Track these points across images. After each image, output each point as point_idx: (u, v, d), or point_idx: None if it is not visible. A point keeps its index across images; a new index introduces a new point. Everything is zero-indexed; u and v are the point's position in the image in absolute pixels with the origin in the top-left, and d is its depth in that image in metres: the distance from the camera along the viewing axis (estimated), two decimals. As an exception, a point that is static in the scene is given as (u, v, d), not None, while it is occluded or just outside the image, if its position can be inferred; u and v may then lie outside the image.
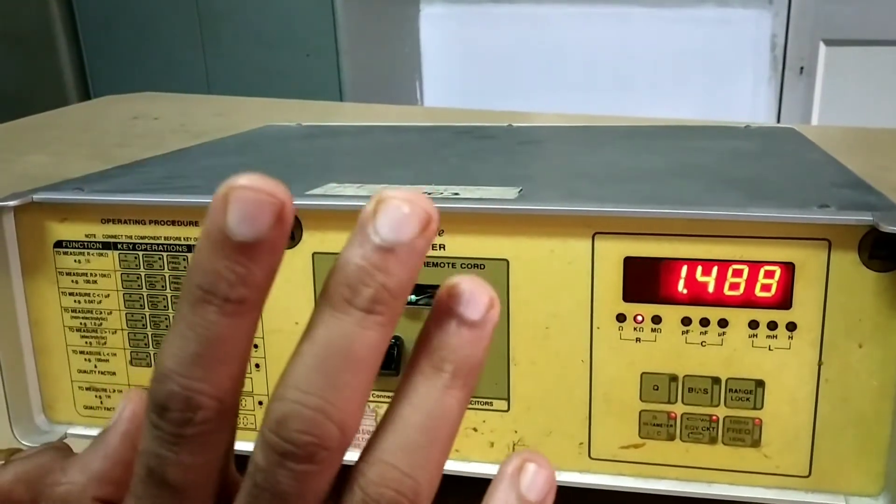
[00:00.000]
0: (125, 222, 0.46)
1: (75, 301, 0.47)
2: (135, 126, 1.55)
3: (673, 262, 0.39)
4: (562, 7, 2.86)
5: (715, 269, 0.39)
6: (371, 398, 0.45)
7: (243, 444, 0.47)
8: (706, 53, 2.73)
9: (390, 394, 0.44)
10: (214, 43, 2.80)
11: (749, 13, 2.70)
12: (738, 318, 0.39)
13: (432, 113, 2.05)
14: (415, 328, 0.43)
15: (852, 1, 2.54)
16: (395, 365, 0.43)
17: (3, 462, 0.41)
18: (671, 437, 0.41)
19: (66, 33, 3.01)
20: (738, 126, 0.71)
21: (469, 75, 3.00)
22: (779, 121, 2.69)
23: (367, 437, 0.45)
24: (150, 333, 0.47)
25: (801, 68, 2.66)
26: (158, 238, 0.45)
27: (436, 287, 0.42)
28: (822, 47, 2.63)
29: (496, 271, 0.41)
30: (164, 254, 0.45)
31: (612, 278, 0.40)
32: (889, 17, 2.51)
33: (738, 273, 0.39)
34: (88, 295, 0.47)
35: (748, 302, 0.39)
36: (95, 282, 0.47)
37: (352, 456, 0.24)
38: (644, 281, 0.40)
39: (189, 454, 0.22)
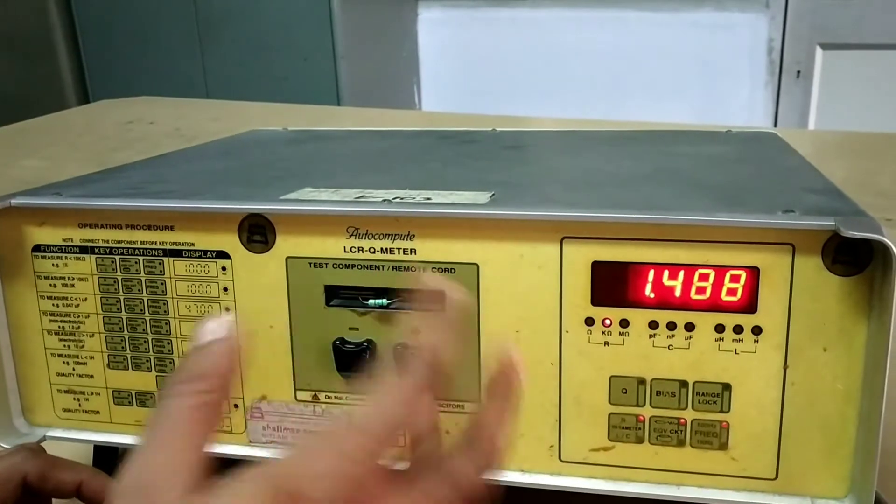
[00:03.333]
0: (102, 226, 0.46)
1: (53, 305, 0.48)
2: (130, 130, 1.56)
3: (640, 267, 0.40)
4: (559, 11, 2.87)
5: (682, 274, 0.40)
6: (344, 401, 0.45)
7: (220, 447, 0.48)
8: (703, 57, 2.73)
9: (362, 396, 0.45)
10: (212, 47, 2.81)
11: (746, 17, 2.70)
12: (705, 321, 0.40)
13: (428, 118, 2.05)
14: (387, 331, 0.43)
15: (849, 5, 2.54)
16: (368, 368, 0.43)
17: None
18: (640, 440, 0.42)
19: (65, 37, 3.02)
20: (720, 131, 0.71)
21: (467, 79, 3.00)
22: (776, 124, 2.69)
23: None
24: (126, 337, 0.47)
25: (798, 72, 2.67)
26: (135, 242, 0.46)
27: (406, 291, 0.43)
28: (819, 51, 2.63)
29: (466, 275, 0.42)
30: (141, 258, 0.46)
31: (580, 282, 0.41)
32: (885, 21, 2.51)
33: (704, 277, 0.39)
34: (66, 298, 0.47)
35: (714, 306, 0.39)
36: (73, 285, 0.47)
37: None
38: (612, 285, 0.40)
39: None
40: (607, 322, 0.41)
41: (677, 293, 0.40)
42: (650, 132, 0.73)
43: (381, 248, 0.43)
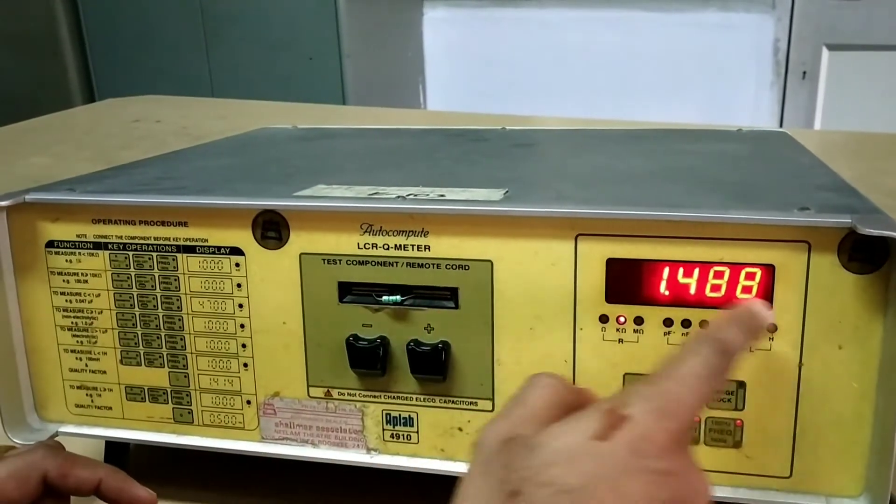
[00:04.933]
0: (116, 222, 0.46)
1: (66, 301, 0.48)
2: (137, 129, 1.56)
3: (655, 264, 0.40)
4: (565, 11, 2.87)
5: (696, 271, 0.39)
6: (357, 398, 0.45)
7: (233, 443, 0.48)
8: (709, 58, 2.73)
9: (375, 393, 0.45)
10: (218, 46, 2.81)
11: (752, 18, 2.70)
12: (720, 319, 0.40)
13: (433, 117, 2.05)
14: (400, 328, 0.43)
15: (855, 6, 2.54)
16: (381, 365, 0.43)
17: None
18: (654, 438, 0.42)
19: (71, 36, 3.02)
20: (731, 129, 0.71)
21: (472, 79, 3.00)
22: (781, 125, 2.68)
23: (354, 435, 0.45)
24: (140, 333, 0.47)
25: (804, 73, 2.66)
26: (148, 238, 0.46)
27: (421, 287, 0.43)
28: (825, 52, 2.63)
29: (480, 272, 0.42)
30: (154, 254, 0.46)
31: (594, 279, 0.41)
32: (892, 22, 2.50)
33: (719, 275, 0.39)
34: (79, 294, 0.47)
35: (729, 303, 0.39)
36: (86, 281, 0.47)
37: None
38: (626, 282, 0.40)
39: None
40: (622, 319, 0.41)
41: (692, 290, 0.40)
42: (659, 130, 0.73)
43: (395, 245, 0.43)
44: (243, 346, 0.46)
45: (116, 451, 0.52)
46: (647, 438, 0.28)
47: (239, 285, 0.45)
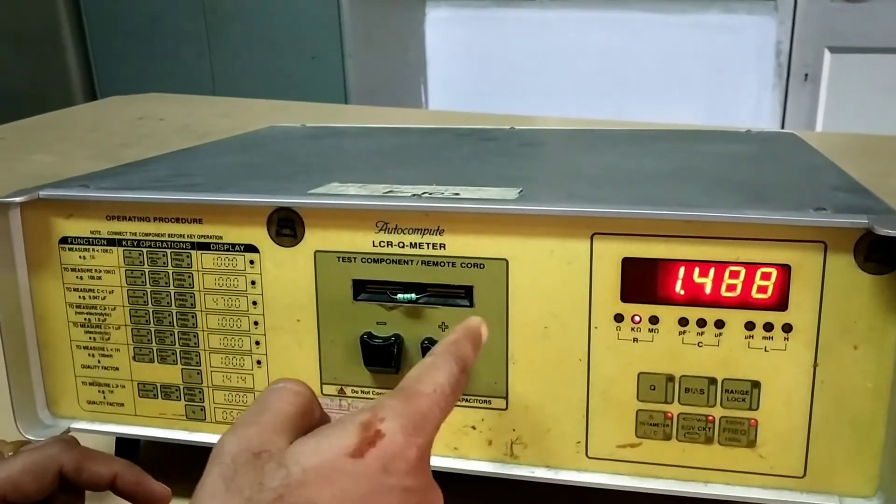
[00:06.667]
0: (130, 219, 0.46)
1: (80, 297, 0.48)
2: (140, 126, 1.56)
3: (670, 263, 0.40)
4: (567, 12, 2.87)
5: (712, 271, 0.40)
6: (371, 395, 0.45)
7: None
8: (711, 60, 2.73)
9: (388, 390, 0.45)
10: (220, 44, 2.81)
11: (754, 20, 2.70)
12: (735, 319, 0.40)
13: (436, 116, 2.05)
14: (414, 326, 0.43)
15: (857, 8, 2.54)
16: (395, 362, 0.44)
17: (12, 453, 0.42)
18: (668, 437, 0.42)
19: (73, 34, 3.02)
20: (740, 130, 0.71)
21: (474, 79, 3.00)
22: (783, 127, 2.69)
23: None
24: (153, 329, 0.47)
25: (806, 75, 2.66)
26: (162, 235, 0.46)
27: (435, 286, 0.43)
28: (827, 54, 2.63)
29: (496, 271, 0.42)
30: (168, 251, 0.46)
31: (610, 279, 0.41)
32: (894, 24, 2.51)
33: (734, 274, 0.39)
34: (93, 291, 0.47)
35: (745, 303, 0.39)
36: (100, 278, 0.47)
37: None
38: (642, 281, 0.40)
39: None
40: (637, 318, 0.41)
41: (707, 290, 0.40)
42: (668, 131, 0.73)
43: (410, 243, 0.43)
44: (257, 343, 0.46)
45: (126, 448, 0.52)
46: (400, 456, 0.29)
47: (253, 282, 0.45)
